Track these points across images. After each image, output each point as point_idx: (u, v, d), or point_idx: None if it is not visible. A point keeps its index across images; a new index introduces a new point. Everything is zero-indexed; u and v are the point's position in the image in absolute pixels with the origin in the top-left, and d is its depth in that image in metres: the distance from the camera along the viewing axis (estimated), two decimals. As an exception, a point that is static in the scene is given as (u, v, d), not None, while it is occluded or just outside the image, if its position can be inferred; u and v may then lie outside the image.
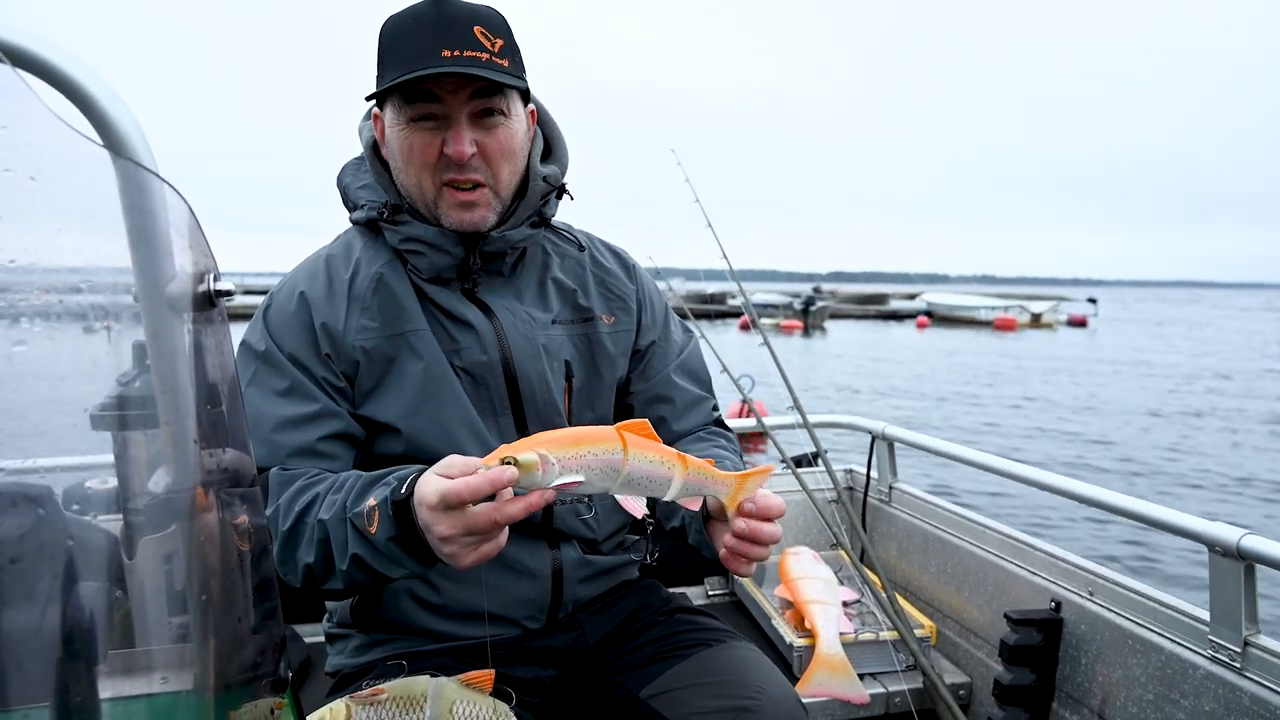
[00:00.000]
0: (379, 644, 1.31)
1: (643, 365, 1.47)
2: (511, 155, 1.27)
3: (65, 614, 0.76)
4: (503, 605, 1.29)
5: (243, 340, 1.27)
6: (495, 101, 1.22)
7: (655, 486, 1.04)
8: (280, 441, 1.21)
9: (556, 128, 1.41)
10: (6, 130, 0.54)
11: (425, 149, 1.22)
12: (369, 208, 1.32)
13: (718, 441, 1.44)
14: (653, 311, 1.50)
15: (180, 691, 0.92)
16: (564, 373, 1.36)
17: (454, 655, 1.28)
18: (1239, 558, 1.37)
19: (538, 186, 1.33)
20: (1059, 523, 7.25)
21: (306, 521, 1.12)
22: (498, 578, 1.29)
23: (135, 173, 0.70)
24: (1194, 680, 1.44)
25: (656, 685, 1.27)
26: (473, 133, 1.22)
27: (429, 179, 1.25)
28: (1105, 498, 1.66)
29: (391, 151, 1.28)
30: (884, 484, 2.45)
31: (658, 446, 1.04)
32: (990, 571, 1.97)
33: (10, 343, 0.62)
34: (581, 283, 1.42)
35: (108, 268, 0.75)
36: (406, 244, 1.28)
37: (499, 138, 1.24)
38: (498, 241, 1.30)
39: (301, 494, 1.14)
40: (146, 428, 0.86)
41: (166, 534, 0.91)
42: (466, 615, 1.29)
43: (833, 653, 1.82)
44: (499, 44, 1.20)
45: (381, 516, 1.02)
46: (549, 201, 1.37)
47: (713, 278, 2.53)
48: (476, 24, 1.19)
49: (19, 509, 0.70)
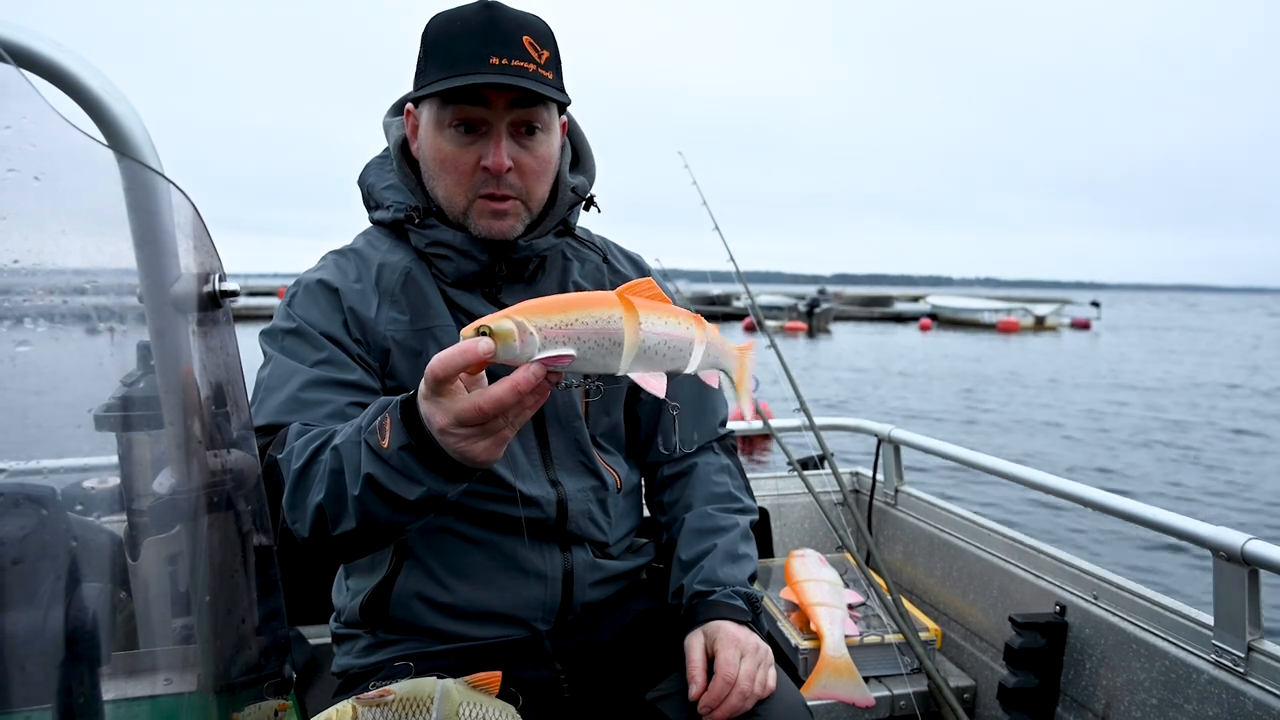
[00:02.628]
0: (386, 644, 1.30)
1: None
2: (546, 173, 1.26)
3: (68, 615, 0.76)
4: (512, 606, 1.29)
5: (264, 330, 1.24)
6: (536, 114, 1.20)
7: (674, 355, 0.88)
8: (307, 399, 1.15)
9: (585, 138, 1.41)
10: (11, 131, 0.54)
11: (461, 158, 1.21)
12: (395, 209, 1.30)
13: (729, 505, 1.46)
14: None
15: (184, 693, 0.92)
16: (581, 378, 1.36)
17: (461, 656, 1.28)
18: (1243, 563, 1.36)
19: (566, 197, 1.33)
20: (1064, 528, 7.23)
21: (321, 458, 1.04)
22: (509, 579, 1.28)
23: (140, 173, 0.70)
24: (1198, 685, 1.43)
25: (662, 688, 1.27)
26: (511, 146, 1.20)
27: (462, 188, 1.23)
28: (1110, 501, 1.65)
29: (424, 153, 1.27)
30: (890, 487, 2.45)
31: (667, 306, 0.88)
32: (995, 575, 1.96)
33: (14, 344, 0.62)
34: (600, 287, 1.41)
35: (112, 268, 0.75)
36: (433, 248, 1.27)
37: (537, 154, 1.23)
38: (524, 250, 1.29)
39: (319, 436, 1.08)
40: (151, 429, 0.86)
41: (170, 535, 0.91)
42: (475, 615, 1.28)
43: (838, 655, 1.82)
44: (545, 56, 1.19)
45: (393, 423, 0.94)
46: (574, 211, 1.37)
47: (718, 279, 2.54)
48: (526, 34, 1.17)
49: (21, 509, 0.70)
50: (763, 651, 1.24)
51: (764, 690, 1.21)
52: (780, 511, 2.49)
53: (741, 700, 1.18)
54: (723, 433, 1.55)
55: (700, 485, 1.46)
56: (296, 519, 1.06)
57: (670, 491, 1.48)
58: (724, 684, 1.18)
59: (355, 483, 0.98)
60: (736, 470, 1.52)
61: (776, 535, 2.46)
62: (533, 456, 1.29)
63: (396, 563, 1.27)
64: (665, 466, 1.49)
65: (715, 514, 1.43)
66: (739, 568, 1.36)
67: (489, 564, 1.27)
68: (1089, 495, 1.70)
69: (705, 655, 1.23)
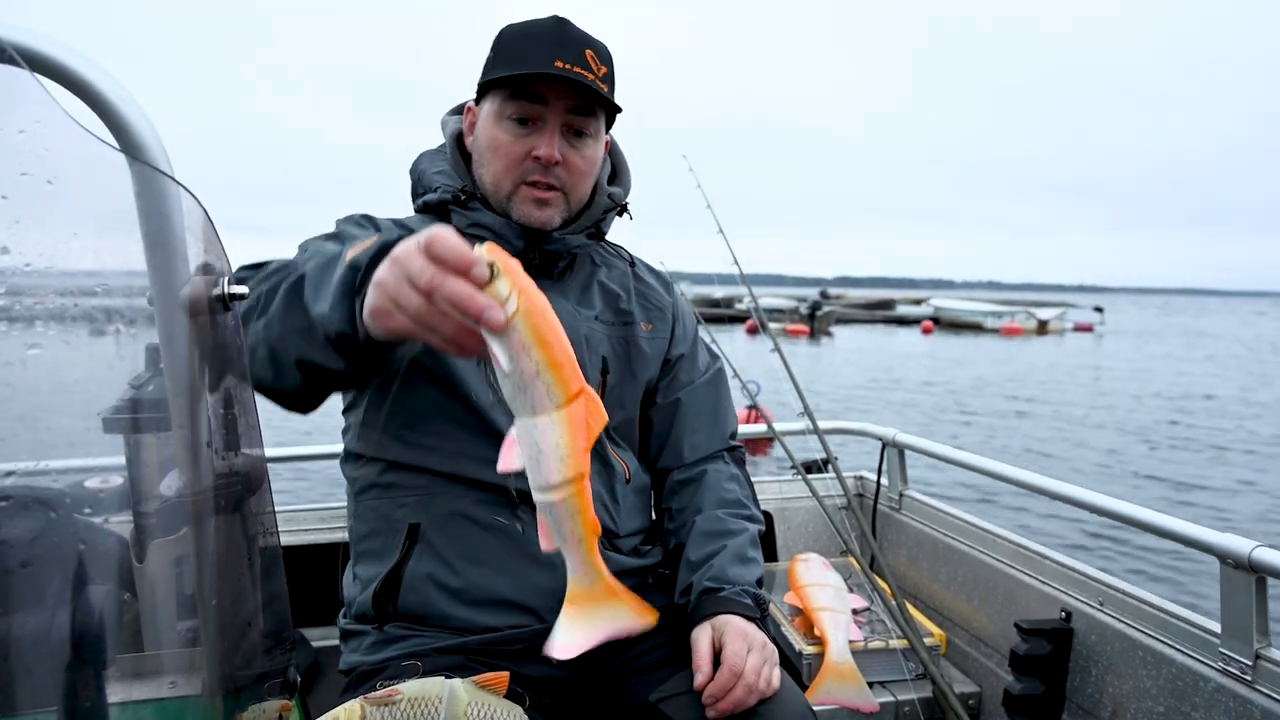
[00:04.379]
0: (394, 640, 1.30)
1: (669, 378, 1.53)
2: (589, 174, 1.37)
3: (74, 618, 0.76)
4: (521, 593, 1.30)
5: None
6: (587, 121, 1.32)
7: (533, 468, 0.80)
8: (318, 248, 1.14)
9: (624, 158, 1.52)
10: (24, 135, 0.54)
11: (514, 147, 1.30)
12: (443, 190, 1.37)
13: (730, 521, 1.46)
14: (684, 327, 1.58)
15: (189, 696, 0.92)
16: (600, 368, 1.41)
17: (469, 654, 1.28)
18: (1250, 570, 1.36)
19: (602, 201, 1.44)
20: (1071, 535, 7.22)
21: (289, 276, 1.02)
22: (518, 564, 1.29)
23: (151, 176, 0.70)
24: (1205, 693, 1.43)
25: (666, 688, 1.27)
26: (561, 143, 1.30)
27: (510, 175, 1.31)
28: (1116, 507, 1.65)
29: (478, 143, 1.36)
30: (894, 491, 2.44)
31: (581, 433, 0.80)
32: (1000, 580, 1.96)
33: (25, 346, 0.62)
34: (625, 289, 1.49)
35: (122, 271, 0.75)
36: (473, 229, 1.34)
37: (584, 155, 1.33)
38: (557, 243, 1.38)
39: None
40: (159, 431, 0.86)
41: (177, 537, 0.91)
42: (485, 602, 1.29)
43: (842, 661, 1.81)
44: (603, 71, 1.30)
45: (369, 248, 0.91)
46: (607, 217, 1.48)
47: (722, 282, 2.55)
48: (589, 48, 1.29)
49: (30, 512, 0.70)
50: (769, 649, 1.26)
51: (768, 687, 1.21)
52: (784, 515, 2.49)
53: (746, 694, 1.19)
54: (733, 444, 1.59)
55: (711, 491, 1.49)
56: (258, 286, 1.03)
57: (679, 497, 1.51)
58: (730, 674, 1.19)
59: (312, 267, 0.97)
60: (745, 481, 1.56)
61: (780, 539, 2.46)
62: None
63: (408, 548, 1.30)
64: (675, 473, 1.53)
65: (725, 518, 1.45)
66: (748, 570, 1.38)
67: (499, 549, 1.29)
68: (1094, 500, 1.70)
69: (712, 647, 1.24)
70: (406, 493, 1.32)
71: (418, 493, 1.31)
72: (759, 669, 1.21)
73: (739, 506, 1.49)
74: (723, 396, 1.60)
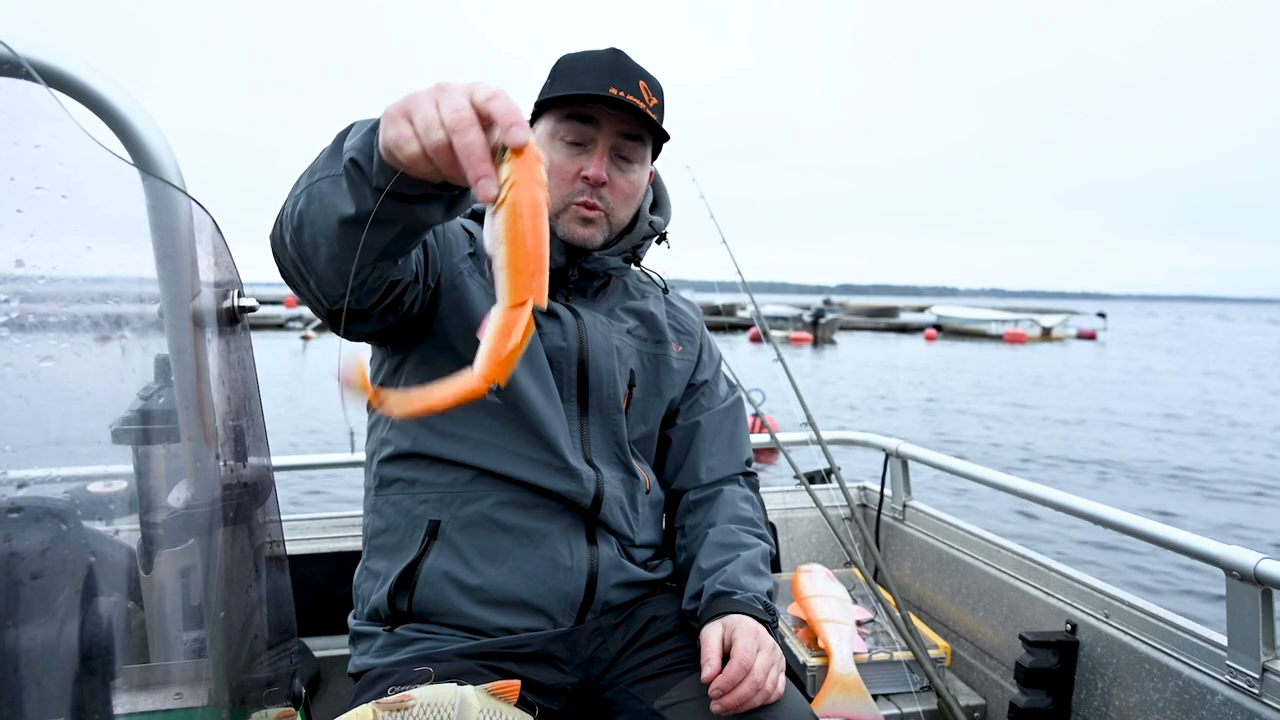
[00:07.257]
0: (406, 643, 1.30)
1: (691, 400, 1.58)
2: (633, 199, 1.42)
3: (83, 629, 0.76)
4: (537, 595, 1.31)
5: None
6: (635, 147, 1.37)
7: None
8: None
9: (666, 190, 1.58)
10: (40, 149, 0.54)
11: (565, 167, 1.34)
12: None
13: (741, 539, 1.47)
14: (710, 353, 1.64)
15: (194, 707, 0.92)
16: (628, 379, 1.45)
17: (480, 658, 1.28)
18: (1256, 582, 1.35)
19: (643, 227, 1.49)
20: (1076, 547, 7.20)
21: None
22: (535, 565, 1.31)
23: (164, 190, 0.71)
24: (1212, 706, 1.42)
25: (670, 696, 1.28)
26: (609, 166, 1.35)
27: (560, 193, 1.36)
28: (1120, 519, 1.64)
29: None
30: (898, 501, 2.44)
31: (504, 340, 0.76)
32: (1005, 592, 1.95)
33: (38, 358, 0.63)
34: (659, 311, 1.54)
35: (134, 283, 0.75)
36: None
37: (629, 179, 1.38)
38: (595, 262, 1.43)
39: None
40: (168, 442, 0.86)
41: (184, 548, 0.91)
42: (500, 602, 1.30)
43: (846, 673, 1.81)
44: (654, 102, 1.35)
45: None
46: (645, 244, 1.53)
47: (724, 290, 2.57)
48: (643, 79, 1.34)
49: (42, 524, 0.70)
50: (778, 654, 1.27)
51: (774, 689, 1.22)
52: (787, 526, 2.49)
53: (753, 690, 1.19)
54: (749, 469, 1.63)
55: (726, 507, 1.53)
56: (285, 227, 0.97)
57: (693, 515, 1.54)
58: (740, 668, 1.19)
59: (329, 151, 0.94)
60: (759, 505, 1.59)
61: (784, 550, 2.46)
62: (574, 438, 1.36)
63: (427, 544, 1.31)
64: (691, 493, 1.56)
65: (739, 531, 1.48)
66: (759, 581, 1.39)
67: (518, 550, 1.31)
68: (1099, 512, 1.69)
69: (722, 644, 1.25)
70: (429, 489, 1.33)
71: (441, 490, 1.32)
72: (767, 669, 1.22)
73: (752, 525, 1.51)
74: (741, 425, 1.64)
